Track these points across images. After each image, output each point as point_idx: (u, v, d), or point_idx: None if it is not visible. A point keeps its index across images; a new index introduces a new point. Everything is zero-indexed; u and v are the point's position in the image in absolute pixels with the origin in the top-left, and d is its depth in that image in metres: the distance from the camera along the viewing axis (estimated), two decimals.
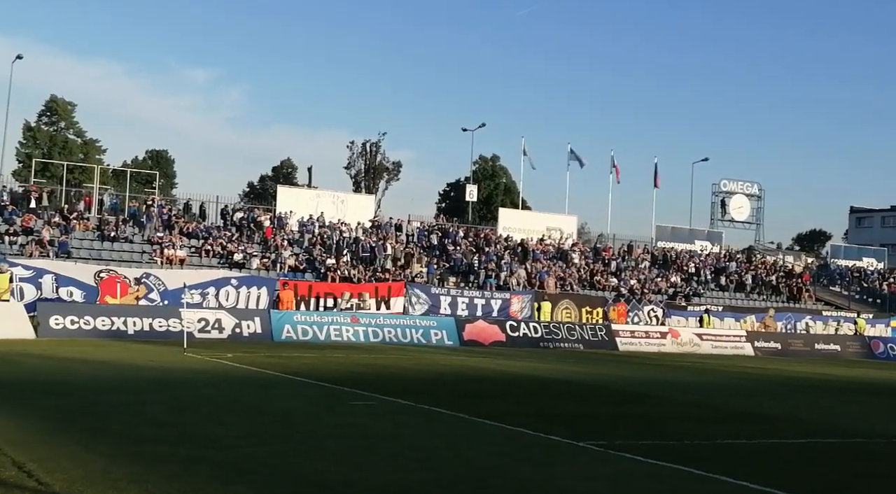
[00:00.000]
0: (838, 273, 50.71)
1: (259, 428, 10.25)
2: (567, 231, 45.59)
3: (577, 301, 36.86)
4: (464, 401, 13.64)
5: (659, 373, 22.89)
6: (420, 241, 39.84)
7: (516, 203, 59.92)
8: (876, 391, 20.77)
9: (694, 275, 44.06)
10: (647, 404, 15.11)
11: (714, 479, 8.27)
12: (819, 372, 26.11)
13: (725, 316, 39.18)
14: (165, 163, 74.97)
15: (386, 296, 32.88)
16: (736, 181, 54.58)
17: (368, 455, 8.81)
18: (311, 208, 38.99)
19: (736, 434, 11.59)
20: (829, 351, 37.91)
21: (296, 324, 29.20)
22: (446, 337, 31.33)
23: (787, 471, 9.02)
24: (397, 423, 11.17)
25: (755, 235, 55.18)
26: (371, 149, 76.44)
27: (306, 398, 13.72)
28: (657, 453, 9.42)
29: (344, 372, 18.08)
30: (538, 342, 32.72)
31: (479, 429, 10.91)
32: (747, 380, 22.04)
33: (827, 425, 13.13)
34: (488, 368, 21.40)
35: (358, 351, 25.48)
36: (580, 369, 22.73)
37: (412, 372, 19.36)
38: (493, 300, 35.12)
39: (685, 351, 34.68)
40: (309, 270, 34.04)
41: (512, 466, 8.56)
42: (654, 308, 38.08)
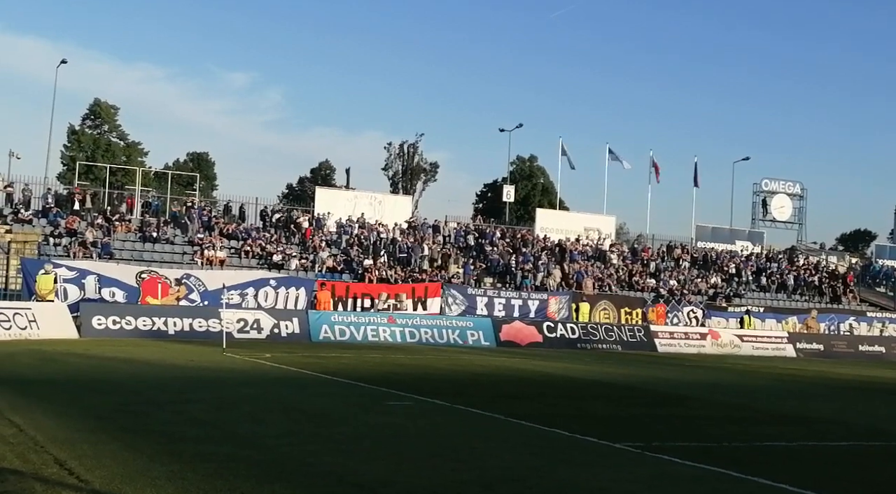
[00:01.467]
0: (883, 273, 49.77)
1: (296, 428, 10.32)
2: (605, 231, 45.28)
3: (615, 302, 36.60)
4: (500, 402, 13.63)
5: (698, 375, 22.65)
6: (457, 242, 39.84)
7: (554, 203, 59.69)
8: None
9: (734, 276, 43.53)
10: (686, 405, 14.96)
11: (753, 481, 8.17)
12: (863, 374, 25.64)
13: (767, 317, 38.64)
14: (206, 165, 75.90)
15: (423, 297, 32.94)
16: (777, 180, 53.84)
17: (406, 454, 8.83)
18: (348, 209, 39.20)
19: (776, 437, 11.43)
20: (874, 352, 37.23)
21: (333, 325, 29.38)
22: (483, 337, 31.30)
23: (827, 474, 8.87)
24: (434, 423, 11.17)
25: (797, 235, 54.42)
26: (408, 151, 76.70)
27: (343, 398, 13.79)
28: (695, 455, 9.32)
29: (381, 373, 18.16)
30: (575, 343, 32.56)
31: (515, 430, 10.88)
32: (788, 382, 21.73)
33: (870, 427, 12.90)
34: (524, 369, 21.34)
35: (395, 351, 25.57)
36: (618, 370, 22.57)
37: (448, 373, 19.38)
38: (530, 301, 35.01)
39: (725, 352, 34.27)
40: (346, 271, 34.23)
41: (550, 467, 8.53)
42: (693, 309, 37.69)
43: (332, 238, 36.97)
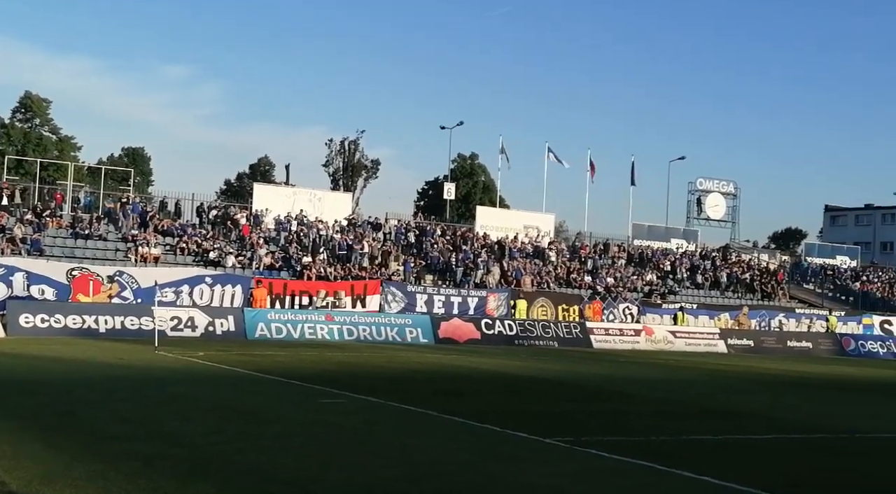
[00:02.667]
0: (812, 271, 51.20)
1: (225, 426, 10.22)
2: (544, 229, 45.69)
3: (553, 299, 36.97)
4: (434, 399, 13.68)
5: (630, 371, 23.03)
6: (397, 239, 39.81)
7: (494, 201, 60.02)
8: (844, 388, 21.01)
9: (669, 273, 44.33)
10: (617, 401, 15.22)
11: (677, 474, 8.36)
12: (790, 369, 26.36)
13: (700, 313, 39.44)
14: (141, 160, 74.55)
15: (362, 295, 32.84)
16: (712, 179, 54.95)
17: (336, 452, 8.82)
18: (287, 206, 38.86)
19: (702, 431, 11.70)
20: (802, 348, 38.28)
21: (269, 323, 29.13)
22: (421, 335, 31.36)
23: (749, 467, 9.12)
24: (367, 421, 11.18)
25: (731, 233, 55.60)
26: (349, 147, 76.40)
27: (276, 396, 13.70)
28: (623, 449, 9.50)
29: (316, 371, 18.07)
30: (513, 340, 32.81)
31: (447, 426, 10.95)
32: (718, 377, 22.23)
33: (793, 421, 13.28)
34: (461, 366, 21.45)
35: (332, 349, 25.45)
36: (553, 366, 22.83)
37: (385, 370, 19.38)
38: (469, 298, 35.16)
39: (659, 348, 34.90)
40: (285, 268, 33.95)
41: (479, 462, 8.60)
42: (629, 305, 38.28)
43: (270, 235, 36.62)
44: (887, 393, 19.86)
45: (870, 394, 19.52)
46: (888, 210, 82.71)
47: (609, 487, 7.82)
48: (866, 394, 19.44)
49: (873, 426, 13.28)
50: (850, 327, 41.84)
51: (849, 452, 10.55)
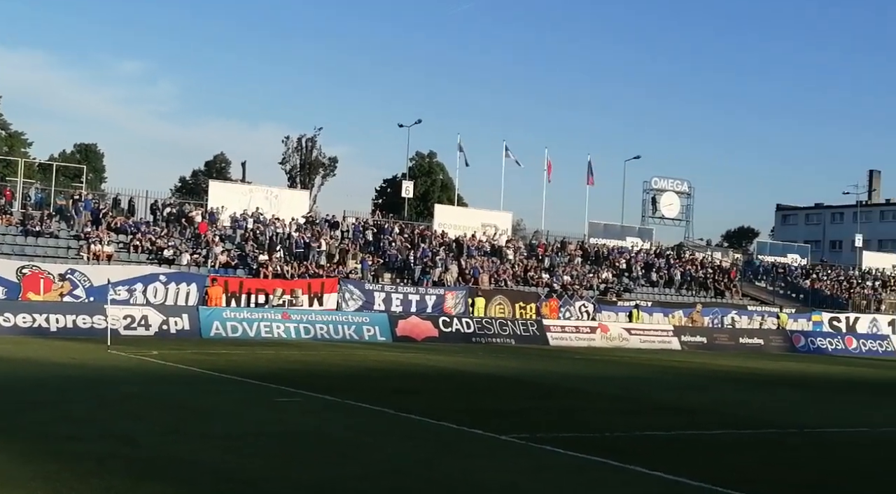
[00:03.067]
0: (764, 269, 52.10)
1: (180, 425, 10.14)
2: (502, 227, 45.90)
3: (510, 296, 37.15)
4: (391, 397, 13.70)
5: (586, 367, 23.26)
6: (355, 237, 39.70)
7: (452, 199, 60.10)
8: (794, 383, 21.44)
9: (625, 271, 44.81)
10: (572, 398, 15.36)
11: (630, 470, 8.47)
12: (742, 366, 26.83)
13: (654, 311, 39.92)
14: (94, 157, 73.32)
15: (319, 293, 32.69)
16: (667, 179, 55.63)
17: (291, 451, 8.81)
18: (243, 203, 38.53)
19: (656, 426, 11.88)
20: (753, 344, 38.94)
21: (225, 321, 28.87)
22: (379, 333, 31.32)
23: (700, 461, 9.29)
24: (322, 419, 11.16)
25: (685, 232, 56.36)
26: (307, 145, 75.94)
27: (231, 395, 13.60)
28: (577, 445, 9.61)
29: (272, 369, 17.97)
30: (470, 337, 32.92)
31: (403, 424, 10.97)
32: (671, 374, 22.54)
33: (744, 417, 13.52)
34: (418, 364, 21.48)
35: (288, 347, 25.32)
36: (509, 364, 22.97)
37: (341, 369, 19.34)
38: (427, 296, 35.19)
39: (614, 345, 35.27)
40: (241, 266, 33.67)
41: (434, 460, 8.65)
42: (585, 303, 38.62)
43: (225, 232, 36.30)
44: (836, 389, 20.31)
45: (819, 390, 19.95)
46: (837, 209, 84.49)
47: (563, 483, 7.91)
48: (815, 390, 19.87)
49: (822, 421, 13.58)
50: (800, 324, 42.66)
51: (798, 447, 10.79)
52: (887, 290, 51.87)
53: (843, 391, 19.81)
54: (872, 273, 55.52)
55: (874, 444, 11.31)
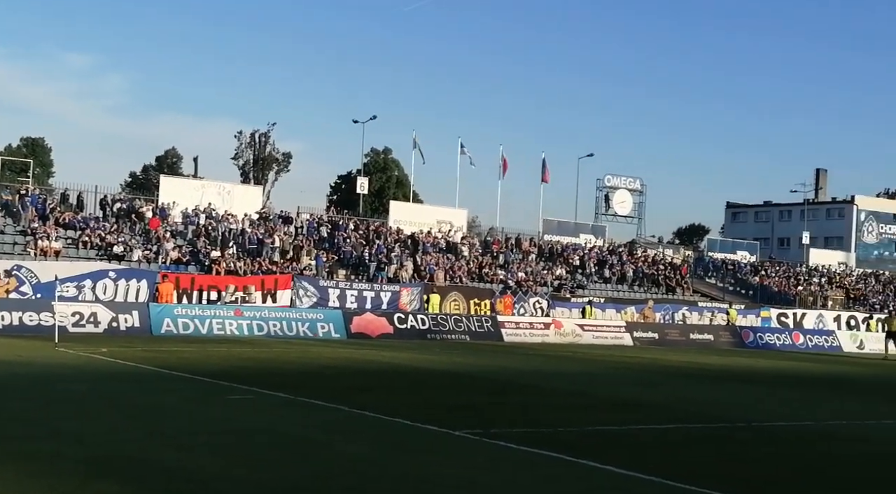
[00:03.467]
0: (714, 265, 52.92)
1: (129, 424, 9.98)
2: (457, 224, 45.97)
3: (465, 293, 37.25)
4: (344, 394, 13.64)
5: (540, 363, 23.40)
6: (309, 233, 39.45)
7: (408, 196, 60.04)
8: (743, 379, 21.79)
9: (579, 268, 45.17)
10: (526, 393, 15.44)
11: (583, 464, 8.54)
12: (692, 361, 27.22)
13: (607, 307, 40.31)
14: (41, 151, 71.87)
15: (272, 289, 32.42)
16: (619, 176, 56.20)
17: (243, 449, 8.71)
18: (195, 199, 38.04)
19: (608, 421, 11.99)
20: (704, 340, 39.53)
21: (176, 318, 28.49)
22: (333, 329, 31.16)
23: (651, 455, 9.39)
24: (276, 417, 11.06)
25: (637, 229, 57.04)
26: (260, 140, 75.33)
27: (182, 393, 13.41)
28: (531, 440, 9.65)
29: (224, 367, 17.77)
30: (426, 333, 32.93)
31: (357, 421, 10.93)
32: (623, 369, 22.79)
33: (694, 411, 13.71)
34: (372, 360, 21.43)
35: (241, 345, 25.08)
36: (464, 360, 23.01)
37: (295, 366, 19.20)
38: (382, 292, 35.12)
39: (567, 341, 35.54)
40: (193, 262, 33.26)
41: (389, 456, 8.63)
42: (539, 299, 38.87)
43: (177, 228, 35.81)
44: (783, 384, 20.69)
45: (767, 385, 20.30)
46: (785, 207, 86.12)
47: (516, 477, 7.95)
48: (763, 385, 20.21)
49: (770, 415, 13.83)
50: (749, 320, 43.44)
51: (747, 441, 10.96)
52: (833, 287, 53.05)
53: (790, 386, 20.19)
54: (819, 269, 56.75)
55: (820, 438, 11.55)
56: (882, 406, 16.31)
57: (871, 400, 17.59)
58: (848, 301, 51.01)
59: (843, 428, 12.54)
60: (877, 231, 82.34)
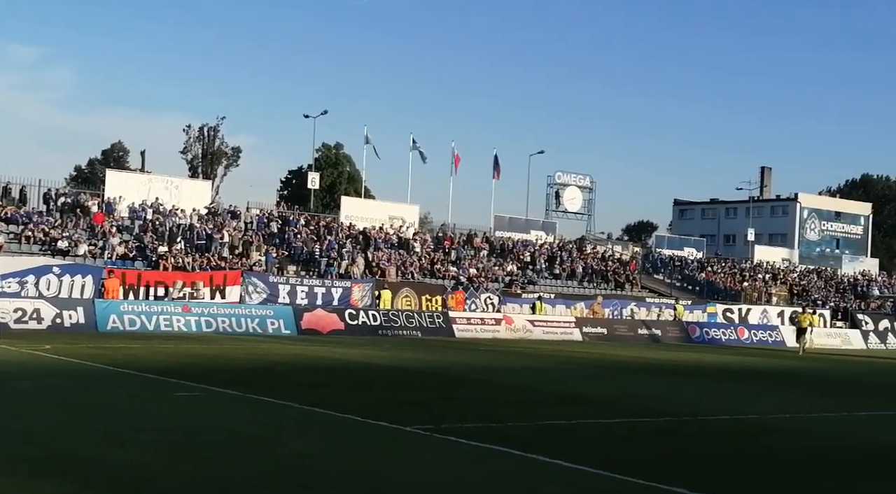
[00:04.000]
0: (661, 262, 53.64)
1: (73, 421, 9.80)
2: (409, 220, 45.92)
3: (417, 289, 37.23)
4: (294, 390, 13.55)
5: (491, 359, 23.51)
6: (259, 229, 39.07)
7: (359, 191, 59.79)
8: (689, 373, 22.14)
9: (529, 264, 45.44)
10: (477, 389, 15.50)
11: (532, 459, 8.60)
12: (640, 356, 27.58)
13: (557, 303, 40.62)
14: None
15: (221, 285, 32.04)
16: (569, 173, 56.61)
17: (190, 446, 8.61)
18: (142, 194, 37.45)
19: (557, 416, 12.09)
20: (651, 335, 40.06)
21: (122, 314, 28.00)
22: (283, 326, 30.90)
23: (599, 449, 9.50)
24: (223, 414, 10.95)
25: (587, 226, 57.53)
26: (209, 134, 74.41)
27: (128, 389, 13.20)
28: (481, 435, 9.70)
29: (171, 363, 17.54)
30: (377, 330, 32.84)
31: (307, 418, 10.87)
32: (573, 364, 23.00)
33: (642, 406, 13.90)
34: (323, 357, 21.32)
35: (189, 341, 24.75)
36: (416, 356, 23.02)
37: (244, 362, 19.01)
38: (333, 288, 34.92)
39: (518, 337, 35.74)
40: (139, 258, 32.72)
41: (339, 453, 8.60)
42: (490, 295, 39.02)
43: (123, 223, 35.20)
44: (729, 378, 21.07)
45: (713, 379, 20.68)
46: (731, 204, 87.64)
47: (466, 472, 7.98)
48: (709, 379, 20.58)
49: (716, 409, 14.07)
50: (695, 315, 44.12)
51: (693, 434, 11.15)
52: (777, 283, 54.12)
53: (735, 380, 20.56)
54: (763, 266, 57.87)
55: (764, 431, 11.79)
56: (823, 399, 16.72)
57: (812, 393, 18.01)
58: (791, 297, 52.11)
59: (786, 422, 12.83)
60: (819, 228, 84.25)
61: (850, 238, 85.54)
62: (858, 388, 19.60)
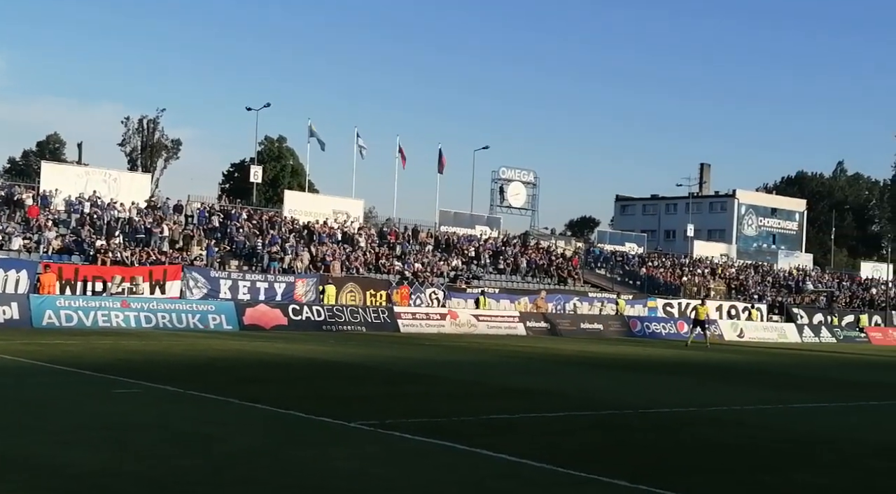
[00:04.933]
0: (604, 257, 54.33)
1: (8, 420, 9.53)
2: (354, 214, 45.74)
3: (361, 284, 37.10)
4: (236, 386, 13.39)
5: (436, 353, 23.54)
6: (200, 223, 38.51)
7: (303, 185, 59.32)
8: (630, 366, 22.48)
9: (474, 259, 45.62)
10: (422, 383, 15.51)
11: (477, 453, 8.63)
12: (582, 350, 27.90)
13: (501, 297, 40.88)
14: None
15: (161, 280, 31.52)
16: (514, 169, 56.97)
17: (131, 443, 8.45)
18: (79, 187, 36.67)
19: (501, 410, 12.15)
20: (594, 329, 40.55)
21: (59, 310, 27.37)
22: (225, 321, 30.53)
23: (543, 442, 9.58)
24: (164, 411, 10.77)
25: (531, 221, 58.00)
26: (148, 126, 73.12)
27: (65, 387, 12.91)
28: (425, 430, 9.71)
29: (110, 360, 17.18)
30: (321, 325, 32.65)
31: (249, 414, 10.75)
32: (517, 359, 23.16)
33: (584, 399, 14.07)
34: (266, 353, 21.11)
35: (128, 337, 24.29)
36: (360, 351, 22.94)
37: (184, 358, 18.72)
38: (276, 283, 34.61)
39: (463, 331, 35.87)
40: (77, 252, 32.01)
41: (281, 449, 8.52)
42: (435, 290, 39.08)
43: (60, 217, 34.40)
44: (668, 371, 21.41)
45: (652, 372, 20.99)
46: (671, 200, 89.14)
47: (410, 467, 7.98)
48: (649, 373, 20.89)
49: (656, 401, 14.29)
50: (636, 309, 44.79)
51: (634, 427, 11.31)
52: (715, 277, 55.24)
53: (675, 373, 20.90)
54: (702, 261, 59.00)
55: (703, 422, 12.02)
56: (760, 391, 17.10)
57: (750, 386, 18.41)
58: (729, 291, 53.23)
59: (725, 414, 13.09)
60: (756, 224, 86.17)
61: (786, 234, 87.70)
62: (794, 381, 20.10)
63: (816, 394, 16.81)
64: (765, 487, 7.83)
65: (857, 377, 22.42)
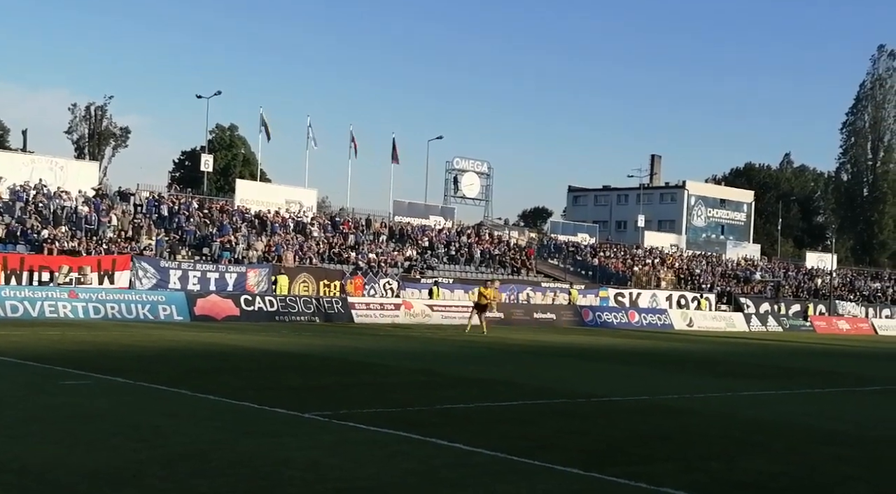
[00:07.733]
0: (556, 247, 54.76)
1: None
2: (307, 204, 45.43)
3: (315, 274, 36.89)
4: (188, 377, 13.25)
5: (390, 343, 23.54)
6: (150, 212, 37.93)
7: (255, 174, 58.71)
8: (582, 355, 22.73)
9: (428, 249, 45.64)
10: (376, 373, 15.49)
11: (432, 442, 8.66)
12: (535, 339, 28.12)
13: (455, 287, 40.98)
14: None
15: (110, 270, 30.99)
16: (468, 159, 57.08)
17: (81, 436, 8.31)
18: (24, 174, 35.87)
19: (456, 399, 12.21)
20: (546, 319, 40.88)
21: (3, 300, 26.79)
22: (175, 312, 30.15)
23: (497, 431, 9.65)
24: (114, 402, 10.61)
25: (484, 211, 58.21)
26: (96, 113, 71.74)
27: (10, 379, 12.65)
28: (380, 420, 9.70)
29: (57, 351, 16.87)
30: (274, 316, 32.42)
31: (201, 405, 10.64)
32: (471, 348, 23.26)
33: (537, 387, 14.18)
34: (218, 343, 20.90)
35: (76, 328, 23.86)
36: (313, 342, 22.84)
37: (134, 349, 18.45)
38: (227, 274, 34.24)
39: (417, 321, 35.90)
40: (22, 242, 31.31)
41: (234, 440, 8.45)
42: (389, 280, 39.02)
43: (4, 205, 33.59)
44: (619, 360, 21.70)
45: (604, 361, 21.26)
46: (623, 191, 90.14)
47: (364, 457, 7.97)
48: (602, 361, 21.15)
49: (609, 390, 14.49)
50: (588, 299, 45.25)
51: (587, 415, 11.43)
52: (665, 267, 56.03)
53: (627, 362, 21.19)
54: (653, 251, 59.79)
55: (655, 411, 12.20)
56: (709, 379, 17.42)
57: (699, 374, 18.74)
58: (679, 281, 54.04)
59: (675, 402, 13.30)
60: (705, 215, 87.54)
61: (734, 224, 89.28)
62: (742, 369, 20.49)
63: (764, 382, 17.16)
64: (716, 474, 7.98)
65: (802, 365, 22.95)
